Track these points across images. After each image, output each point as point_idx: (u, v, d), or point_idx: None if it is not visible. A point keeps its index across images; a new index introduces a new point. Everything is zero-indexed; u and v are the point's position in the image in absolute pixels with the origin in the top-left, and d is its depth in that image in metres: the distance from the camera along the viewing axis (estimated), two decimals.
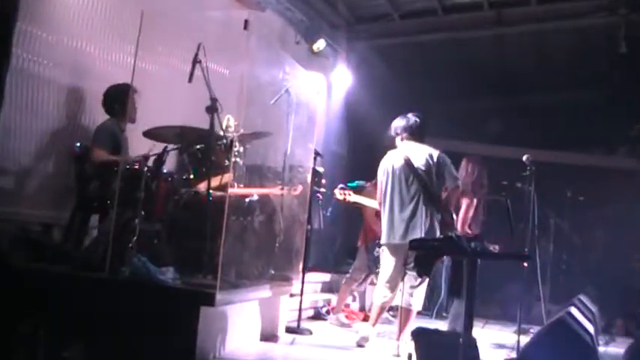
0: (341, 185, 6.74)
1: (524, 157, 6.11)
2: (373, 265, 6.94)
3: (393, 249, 5.67)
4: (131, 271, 4.46)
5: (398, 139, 5.95)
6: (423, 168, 5.66)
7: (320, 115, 8.41)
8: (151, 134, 5.16)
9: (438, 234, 5.58)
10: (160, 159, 5.06)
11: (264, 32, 5.82)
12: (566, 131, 10.18)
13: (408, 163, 5.70)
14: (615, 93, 9.59)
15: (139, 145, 5.35)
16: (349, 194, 6.62)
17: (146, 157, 4.97)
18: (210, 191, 4.85)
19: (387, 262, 5.74)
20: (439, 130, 8.17)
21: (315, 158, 6.46)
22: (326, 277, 8.42)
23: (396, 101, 8.46)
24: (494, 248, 6.47)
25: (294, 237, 6.16)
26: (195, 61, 4.94)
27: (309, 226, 6.25)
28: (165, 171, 5.16)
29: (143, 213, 4.75)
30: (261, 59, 5.55)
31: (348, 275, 7.29)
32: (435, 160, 5.69)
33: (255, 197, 5.58)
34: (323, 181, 6.95)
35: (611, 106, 9.66)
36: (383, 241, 5.76)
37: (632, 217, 8.98)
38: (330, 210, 8.00)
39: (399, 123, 5.94)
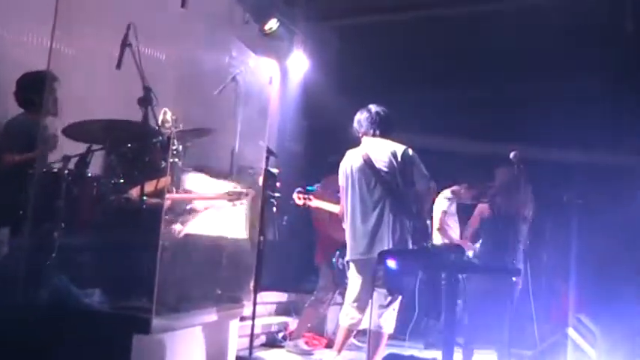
0: (299, 189, 6.81)
1: (512, 155, 6.18)
2: (341, 279, 6.97)
3: (359, 265, 5.72)
4: (50, 294, 4.39)
5: (361, 136, 6.00)
6: (386, 168, 5.70)
7: (273, 108, 8.56)
8: (72, 130, 5.06)
9: (410, 245, 5.62)
10: (84, 160, 4.98)
11: (206, 10, 5.80)
12: (561, 124, 10.13)
13: (368, 164, 5.74)
14: (618, 79, 9.58)
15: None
16: (309, 199, 6.69)
17: (67, 158, 4.90)
18: (144, 198, 4.79)
19: (353, 279, 5.77)
20: (411, 124, 8.19)
21: (267, 158, 6.44)
22: (283, 296, 8.45)
23: (362, 90, 8.47)
24: None
25: (244, 250, 6.16)
26: (125, 43, 4.87)
27: (262, 238, 6.23)
28: (90, 174, 5.08)
29: (64, 225, 4.67)
30: (203, 42, 5.57)
31: (312, 297, 7.30)
32: (400, 157, 5.71)
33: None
34: (278, 184, 6.93)
35: (613, 94, 9.66)
36: (347, 257, 5.82)
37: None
38: (286, 218, 8.01)
39: (359, 117, 5.99)
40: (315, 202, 6.69)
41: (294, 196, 6.74)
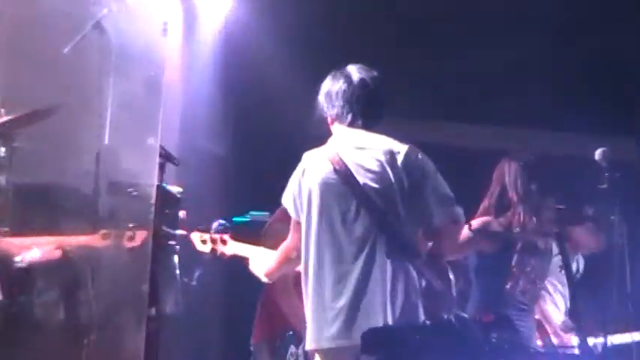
0: (220, 222, 6.64)
1: (598, 153, 6.16)
2: None
3: (331, 357, 5.56)
4: None
5: (331, 124, 5.87)
6: (376, 184, 5.52)
7: (173, 77, 8.44)
8: None
9: (420, 316, 5.49)
10: None
11: None
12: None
13: (343, 176, 5.55)
14: None
15: None
16: (223, 241, 6.50)
17: None
18: None
19: None
20: (410, 104, 8.15)
21: (162, 166, 6.54)
22: None
23: (326, 45, 8.38)
24: None
25: (122, 333, 6.14)
26: None
27: (153, 311, 6.13)
28: None
29: None
30: None
31: None
32: (402, 164, 5.54)
33: (37, 254, 5.55)
34: (181, 213, 6.92)
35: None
36: (309, 343, 5.65)
37: None
38: (197, 273, 7.80)
39: (329, 87, 5.79)
40: (232, 247, 6.50)
41: (193, 236, 6.58)
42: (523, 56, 10.76)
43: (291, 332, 6.72)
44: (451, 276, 5.87)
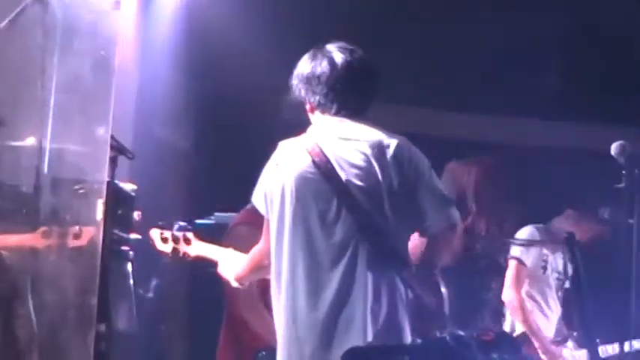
0: (179, 224, 6.61)
1: (615, 147, 6.19)
2: None
3: None
4: None
5: (311, 112, 5.84)
6: (361, 182, 5.51)
7: (127, 57, 8.51)
8: None
9: (407, 335, 5.50)
10: None
11: None
12: None
13: (324, 171, 5.54)
14: None
15: None
16: (187, 240, 6.48)
17: None
18: None
19: None
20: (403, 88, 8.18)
21: (114, 160, 6.53)
22: None
23: (304, 21, 8.45)
24: None
25: (67, 353, 6.11)
26: None
27: (103, 327, 6.15)
28: None
29: None
30: None
31: None
32: (390, 159, 5.53)
33: None
34: (136, 214, 6.97)
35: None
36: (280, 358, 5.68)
37: None
38: (154, 283, 7.81)
39: (306, 69, 5.76)
40: (197, 248, 6.49)
41: (153, 233, 6.55)
42: (533, 39, 10.85)
43: (263, 352, 6.68)
44: (443, 289, 5.89)
